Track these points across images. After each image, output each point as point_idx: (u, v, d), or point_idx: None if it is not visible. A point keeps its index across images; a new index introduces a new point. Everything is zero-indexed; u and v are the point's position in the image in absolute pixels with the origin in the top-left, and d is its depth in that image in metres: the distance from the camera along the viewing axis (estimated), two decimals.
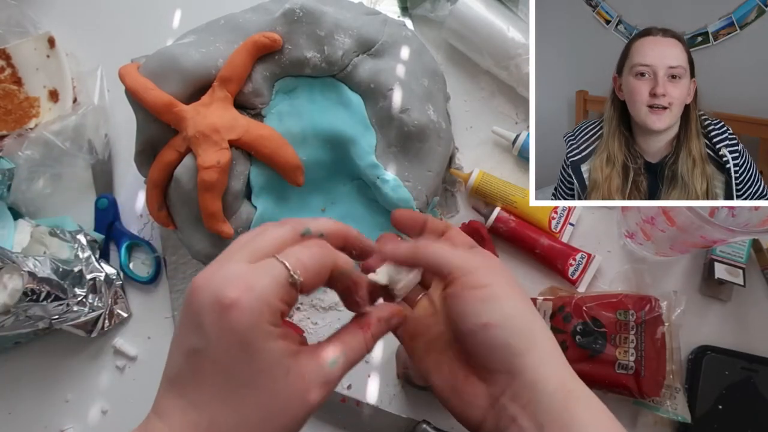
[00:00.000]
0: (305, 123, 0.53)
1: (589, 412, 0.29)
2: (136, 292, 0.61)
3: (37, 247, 0.56)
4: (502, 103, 0.63)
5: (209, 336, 0.26)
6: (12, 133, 0.61)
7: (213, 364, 0.27)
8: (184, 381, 0.27)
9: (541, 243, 0.56)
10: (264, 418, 0.27)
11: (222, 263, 0.28)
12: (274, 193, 0.54)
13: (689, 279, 0.56)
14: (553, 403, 0.29)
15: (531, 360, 0.30)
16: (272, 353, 0.27)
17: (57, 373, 0.58)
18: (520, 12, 0.62)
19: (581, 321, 0.50)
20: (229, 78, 0.50)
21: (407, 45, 0.56)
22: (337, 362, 0.30)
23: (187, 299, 0.28)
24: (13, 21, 0.66)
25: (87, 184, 0.63)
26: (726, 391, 0.51)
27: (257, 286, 0.26)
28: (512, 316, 0.31)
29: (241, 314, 0.26)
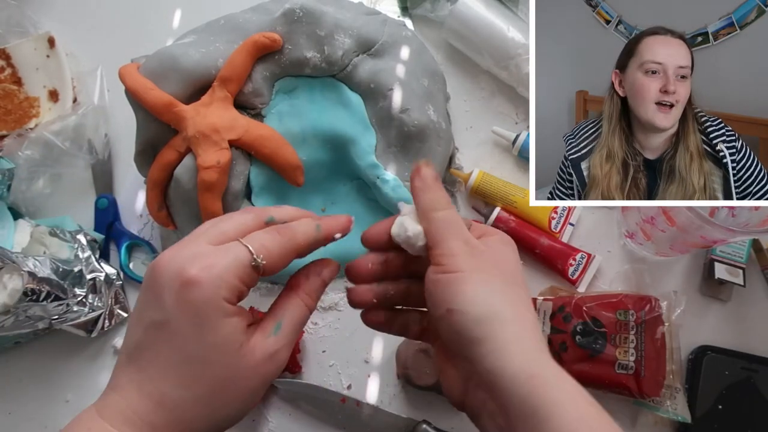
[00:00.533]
0: (305, 123, 0.53)
1: (559, 395, 0.27)
2: (136, 292, 0.61)
3: (37, 247, 0.56)
4: (502, 103, 0.63)
5: (168, 309, 0.28)
6: (12, 133, 0.61)
7: (170, 336, 0.28)
8: (142, 354, 0.29)
9: (541, 243, 0.56)
10: (216, 391, 0.29)
11: (185, 244, 0.30)
12: (274, 193, 0.54)
13: (689, 279, 0.56)
14: (515, 389, 0.28)
15: (488, 348, 0.29)
16: (226, 328, 0.28)
17: (57, 373, 0.58)
18: (520, 12, 0.62)
19: (581, 321, 0.50)
20: (229, 78, 0.50)
21: (407, 45, 0.57)
22: (280, 329, 0.31)
23: (149, 274, 0.29)
24: (13, 21, 0.66)
25: (87, 184, 0.63)
26: (726, 391, 0.51)
27: (218, 265, 0.28)
28: (474, 303, 0.30)
29: (200, 290, 0.27)
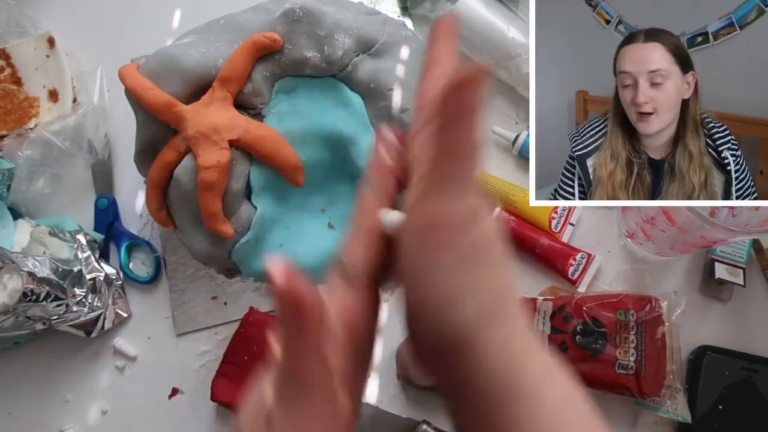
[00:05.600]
0: (305, 123, 0.53)
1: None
2: (136, 292, 0.61)
3: (37, 247, 0.56)
4: (502, 103, 0.63)
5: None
6: (12, 133, 0.61)
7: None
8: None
9: (541, 243, 0.56)
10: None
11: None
12: (274, 193, 0.54)
13: (689, 279, 0.56)
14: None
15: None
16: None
17: (57, 373, 0.58)
18: (520, 12, 0.62)
19: (581, 321, 0.50)
20: (229, 78, 0.50)
21: (407, 45, 0.56)
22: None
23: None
24: (12, 21, 0.66)
25: (87, 184, 0.63)
26: (726, 391, 0.51)
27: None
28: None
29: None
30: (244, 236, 0.52)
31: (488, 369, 0.22)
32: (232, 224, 0.52)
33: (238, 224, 0.52)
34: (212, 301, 0.60)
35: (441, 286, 0.22)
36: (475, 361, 0.22)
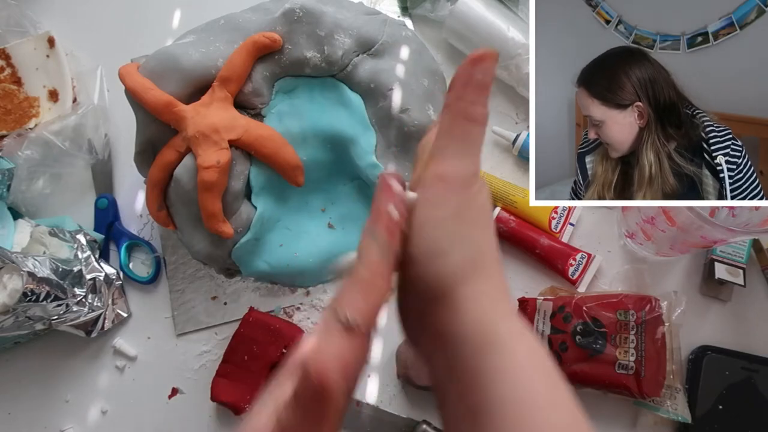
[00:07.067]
0: (305, 123, 0.53)
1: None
2: (136, 292, 0.61)
3: (37, 247, 0.56)
4: (502, 103, 0.63)
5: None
6: (12, 133, 0.61)
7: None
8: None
9: (541, 243, 0.56)
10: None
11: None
12: (274, 193, 0.54)
13: (689, 279, 0.56)
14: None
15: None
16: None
17: (57, 373, 0.58)
18: (520, 12, 0.62)
19: (581, 321, 0.50)
20: (229, 78, 0.50)
21: (407, 45, 0.56)
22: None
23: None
24: (12, 21, 0.66)
25: (87, 184, 0.63)
26: (726, 391, 0.51)
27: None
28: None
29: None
30: (244, 236, 0.52)
31: (465, 320, 0.24)
32: (232, 224, 0.52)
33: (238, 224, 0.52)
34: (212, 301, 0.60)
35: (433, 235, 0.24)
36: (454, 310, 0.24)
